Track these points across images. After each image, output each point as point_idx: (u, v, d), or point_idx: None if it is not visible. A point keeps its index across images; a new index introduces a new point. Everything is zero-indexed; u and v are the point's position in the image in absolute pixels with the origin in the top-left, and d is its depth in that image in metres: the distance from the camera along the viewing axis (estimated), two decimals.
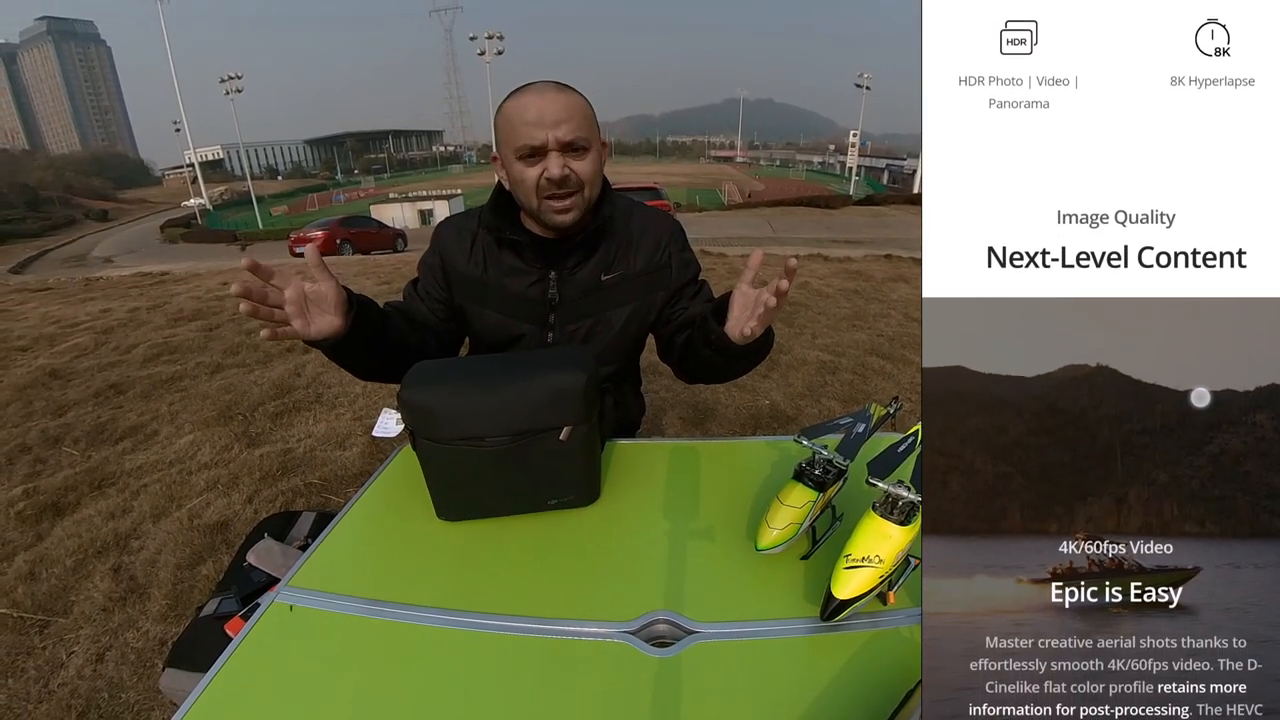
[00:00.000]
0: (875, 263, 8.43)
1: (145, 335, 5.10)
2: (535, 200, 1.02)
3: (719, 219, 26.00)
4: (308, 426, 3.12)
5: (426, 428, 0.84)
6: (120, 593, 1.94)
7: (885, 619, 0.69)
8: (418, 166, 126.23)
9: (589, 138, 1.01)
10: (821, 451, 0.81)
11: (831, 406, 3.26)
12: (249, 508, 2.37)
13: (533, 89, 1.00)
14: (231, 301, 6.51)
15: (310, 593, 0.76)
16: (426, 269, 1.18)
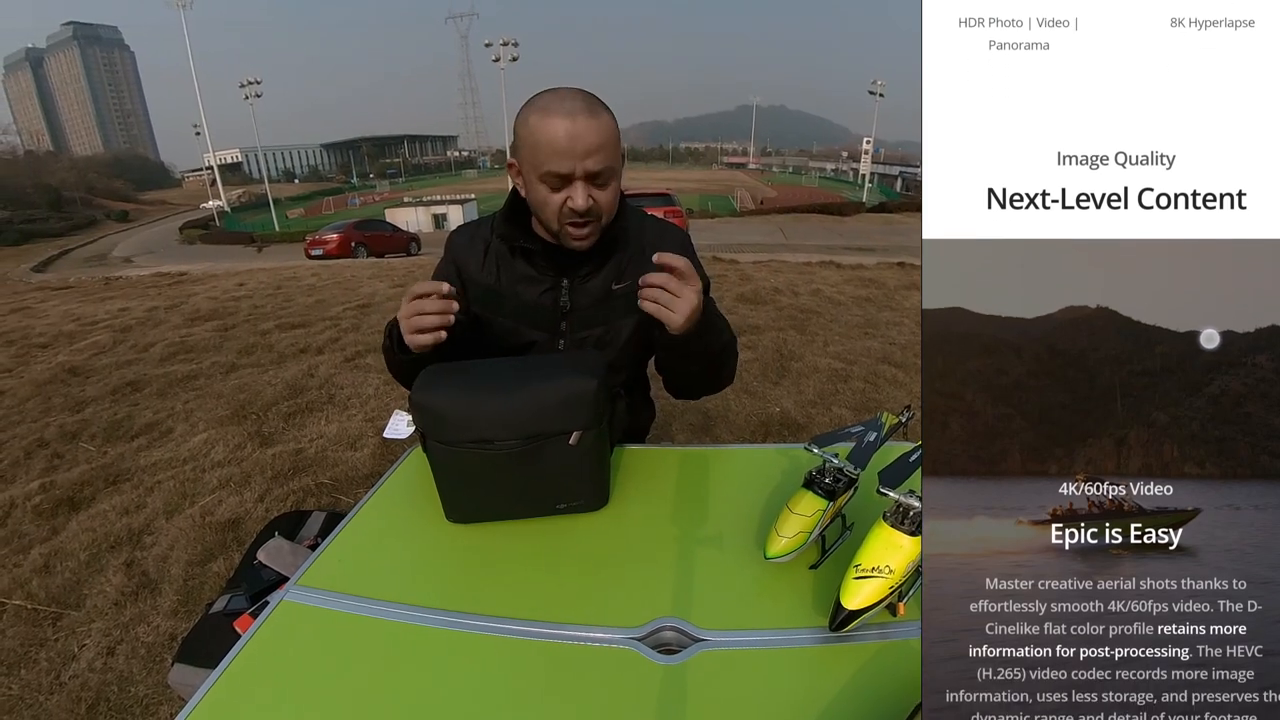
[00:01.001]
0: (888, 270, 8.39)
1: (162, 334, 5.18)
2: (556, 224, 1.03)
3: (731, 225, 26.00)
4: (320, 427, 3.14)
5: (437, 430, 0.84)
6: (132, 587, 1.97)
7: (895, 630, 0.69)
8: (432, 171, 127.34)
9: (614, 165, 1.01)
10: (832, 460, 0.81)
11: (843, 414, 3.24)
12: (260, 506, 2.40)
13: (563, 110, 0.95)
14: (248, 302, 6.60)
15: (319, 592, 0.76)
16: (441, 276, 1.19)
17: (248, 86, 41.50)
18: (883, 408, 1.98)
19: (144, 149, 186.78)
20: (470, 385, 0.86)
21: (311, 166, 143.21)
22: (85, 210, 48.97)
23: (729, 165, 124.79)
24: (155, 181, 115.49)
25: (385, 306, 6.12)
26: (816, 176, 77.00)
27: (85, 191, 58.07)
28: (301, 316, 5.72)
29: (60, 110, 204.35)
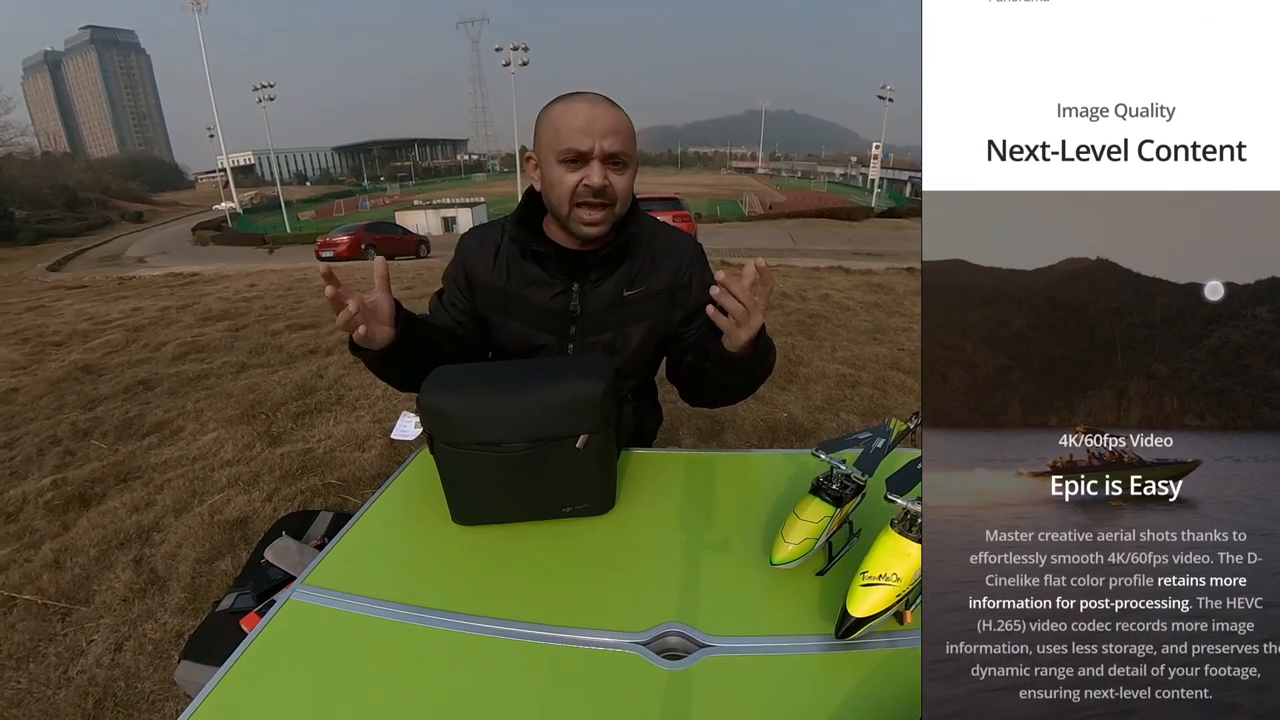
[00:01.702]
0: (897, 276, 8.35)
1: (174, 334, 5.23)
2: (567, 206, 1.03)
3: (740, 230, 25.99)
4: (328, 427, 3.16)
5: (444, 432, 0.84)
6: (141, 584, 1.98)
7: (902, 639, 0.68)
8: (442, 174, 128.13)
9: (630, 154, 1.03)
10: (839, 466, 0.80)
11: (850, 420, 3.22)
12: (268, 506, 2.41)
13: (585, 97, 1.01)
14: (259, 303, 6.65)
15: (325, 591, 0.76)
16: (450, 280, 1.20)
17: (261, 90, 41.95)
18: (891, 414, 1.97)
19: (159, 151, 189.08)
20: (477, 387, 0.86)
21: (323, 169, 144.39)
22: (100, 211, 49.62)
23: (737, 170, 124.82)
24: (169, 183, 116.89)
25: None
26: (825, 181, 76.83)
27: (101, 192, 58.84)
28: (312, 317, 5.75)
29: (77, 112, 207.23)
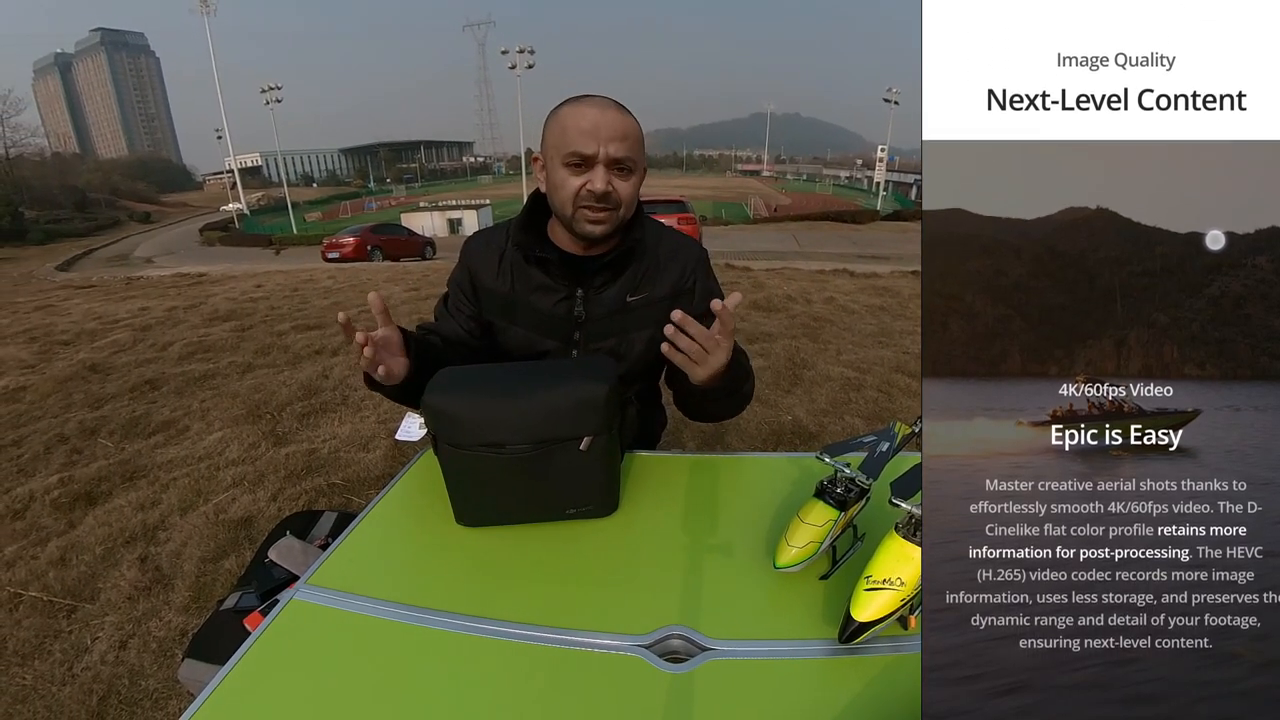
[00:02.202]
0: (902, 279, 8.33)
1: (181, 334, 5.26)
2: (570, 209, 1.03)
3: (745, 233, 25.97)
4: (333, 428, 3.17)
5: (448, 433, 0.84)
6: (146, 582, 1.99)
7: (906, 644, 0.67)
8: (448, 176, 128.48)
9: (636, 160, 1.03)
10: (844, 469, 0.80)
11: (855, 424, 3.21)
12: (273, 505, 2.42)
13: (594, 101, 1.01)
14: (265, 304, 6.68)
15: (329, 591, 0.76)
16: (455, 286, 1.20)
17: (269, 92, 42.19)
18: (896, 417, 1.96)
19: (167, 152, 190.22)
20: (482, 389, 0.86)
21: (329, 171, 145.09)
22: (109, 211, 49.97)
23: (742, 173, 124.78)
24: (177, 184, 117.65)
25: (400, 310, 6.17)
26: (830, 184, 76.76)
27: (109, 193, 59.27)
28: (317, 318, 5.78)
29: (87, 114, 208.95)
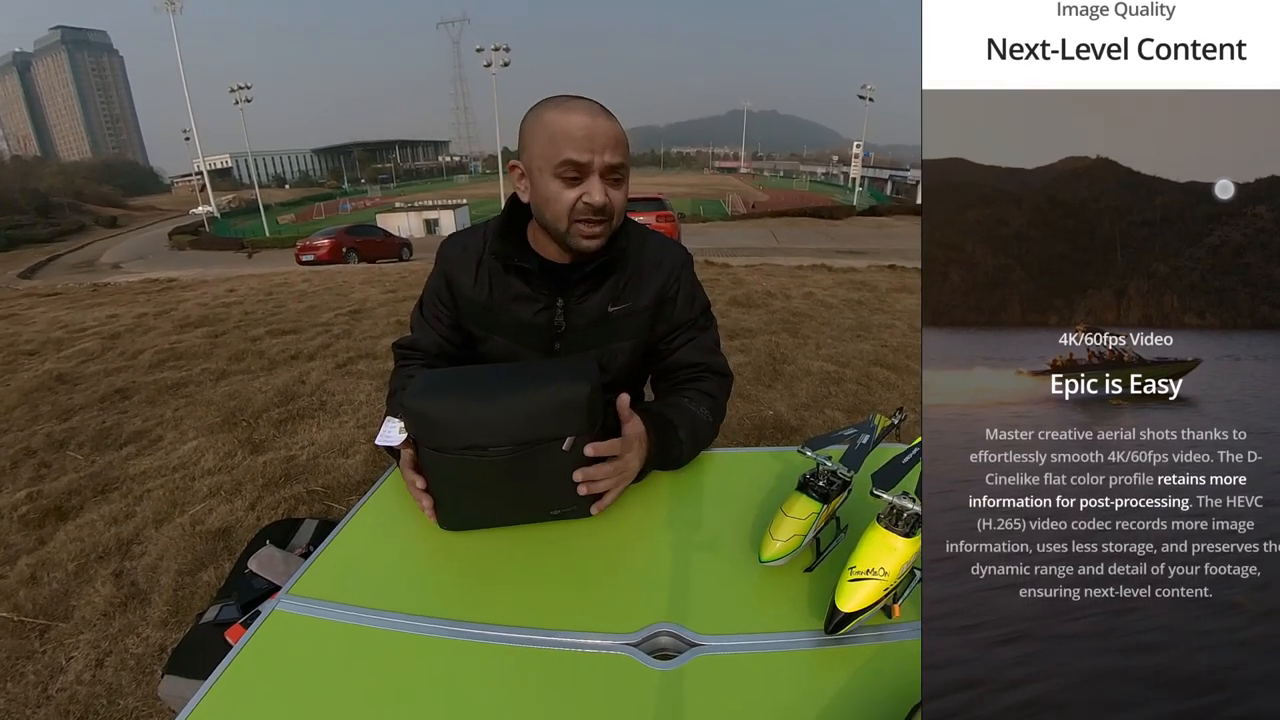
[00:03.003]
0: (879, 273, 8.44)
1: (151, 341, 5.14)
2: (565, 222, 0.99)
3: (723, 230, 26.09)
4: (311, 434, 3.12)
5: (430, 437, 0.83)
6: (121, 598, 1.94)
7: (890, 633, 0.69)
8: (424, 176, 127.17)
9: (627, 166, 1.00)
10: (825, 462, 0.81)
11: (835, 417, 3.25)
12: (251, 514, 2.37)
13: (581, 105, 0.97)
14: (238, 309, 6.55)
15: (311, 601, 0.75)
16: (432, 292, 1.16)
17: (238, 91, 41.37)
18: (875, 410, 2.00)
19: (133, 154, 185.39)
20: (463, 392, 0.85)
21: (302, 172, 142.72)
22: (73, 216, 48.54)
23: (720, 170, 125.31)
24: (144, 187, 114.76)
25: (377, 313, 6.09)
26: (807, 180, 77.42)
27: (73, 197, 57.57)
28: (293, 323, 5.68)
29: (48, 115, 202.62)
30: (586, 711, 0.61)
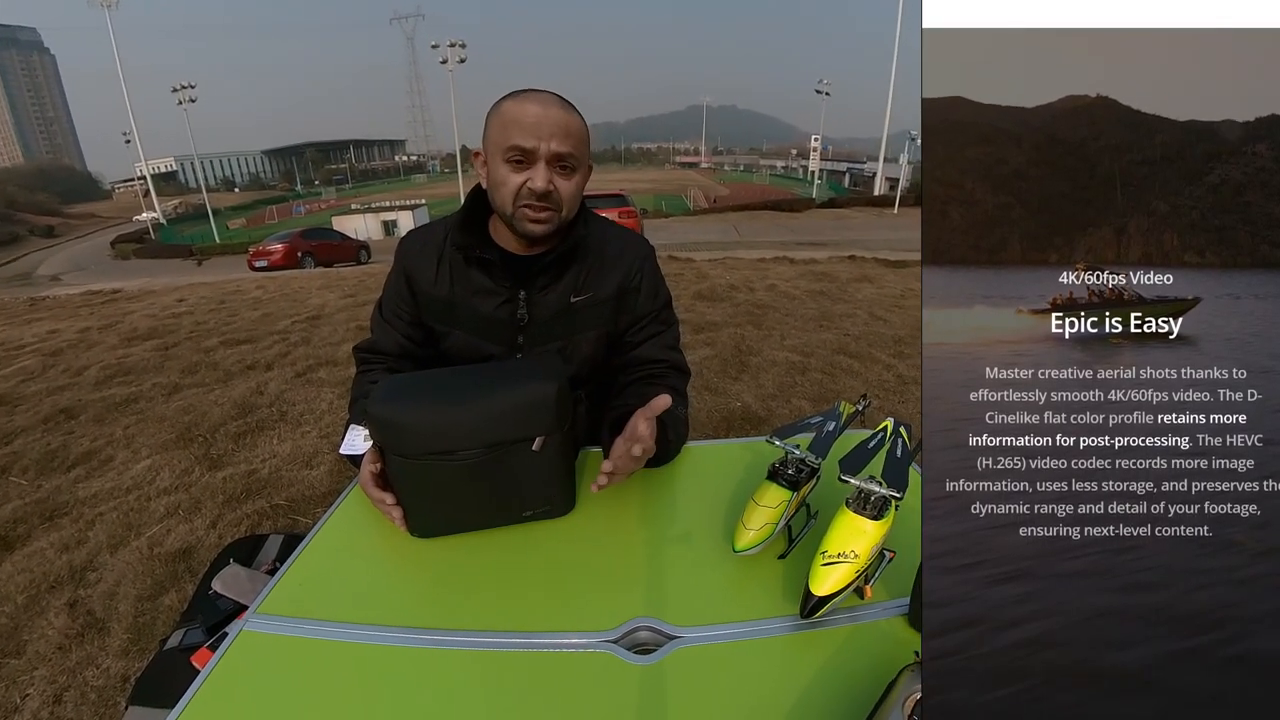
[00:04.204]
0: (840, 264, 8.61)
1: (97, 356, 4.91)
2: (511, 207, 1.00)
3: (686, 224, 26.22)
4: (272, 446, 3.03)
5: (396, 443, 0.82)
6: (77, 629, 1.86)
7: (864, 613, 0.71)
8: (380, 177, 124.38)
9: (580, 157, 1.00)
10: (794, 451, 0.82)
11: (802, 406, 3.30)
12: (213, 533, 2.30)
13: (537, 96, 0.98)
14: (189, 319, 6.31)
15: (281, 619, 0.73)
16: (392, 290, 1.15)
17: (181, 91, 39.68)
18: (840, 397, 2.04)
19: (69, 159, 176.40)
20: (428, 396, 0.84)
21: (252, 174, 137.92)
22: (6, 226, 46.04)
23: (682, 165, 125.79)
24: (83, 194, 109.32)
25: (336, 318, 5.94)
26: (767, 174, 78.29)
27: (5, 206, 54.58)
28: (248, 332, 5.50)
29: None
30: (570, 711, 0.61)
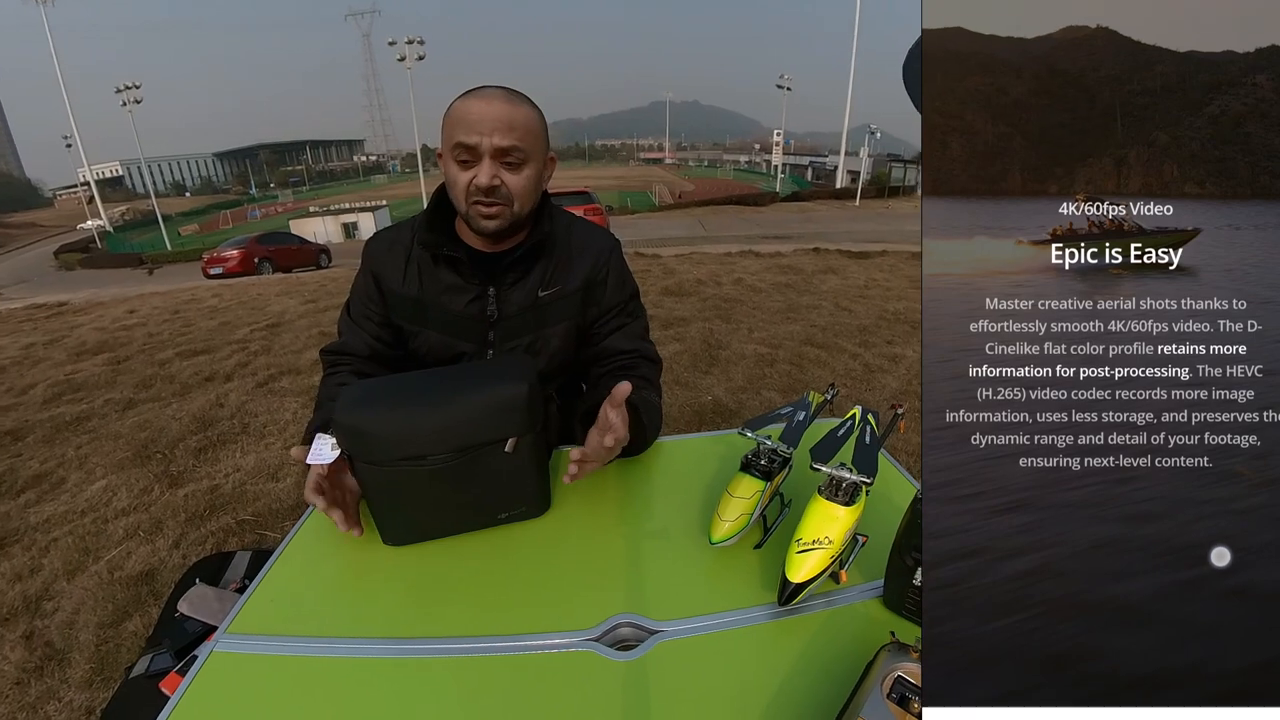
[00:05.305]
0: (804, 256, 8.74)
1: (44, 373, 4.69)
2: (464, 204, 1.01)
3: (652, 220, 26.24)
4: (235, 460, 2.94)
5: (364, 451, 0.81)
6: (35, 661, 1.77)
7: (840, 597, 0.72)
8: (339, 178, 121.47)
9: (529, 150, 0.99)
10: (765, 442, 0.84)
11: (772, 397, 3.35)
12: (176, 553, 2.22)
13: (484, 92, 0.98)
14: (141, 331, 6.07)
15: (253, 637, 0.71)
16: (360, 291, 1.13)
17: (125, 92, 38.04)
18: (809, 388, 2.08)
19: (5, 165, 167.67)
20: (396, 401, 0.82)
21: (204, 178, 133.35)
22: None
23: (646, 161, 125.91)
24: (21, 201, 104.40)
25: (298, 325, 5.78)
26: (731, 169, 78.95)
27: None
28: (204, 342, 5.32)
29: None
30: (554, 713, 0.61)
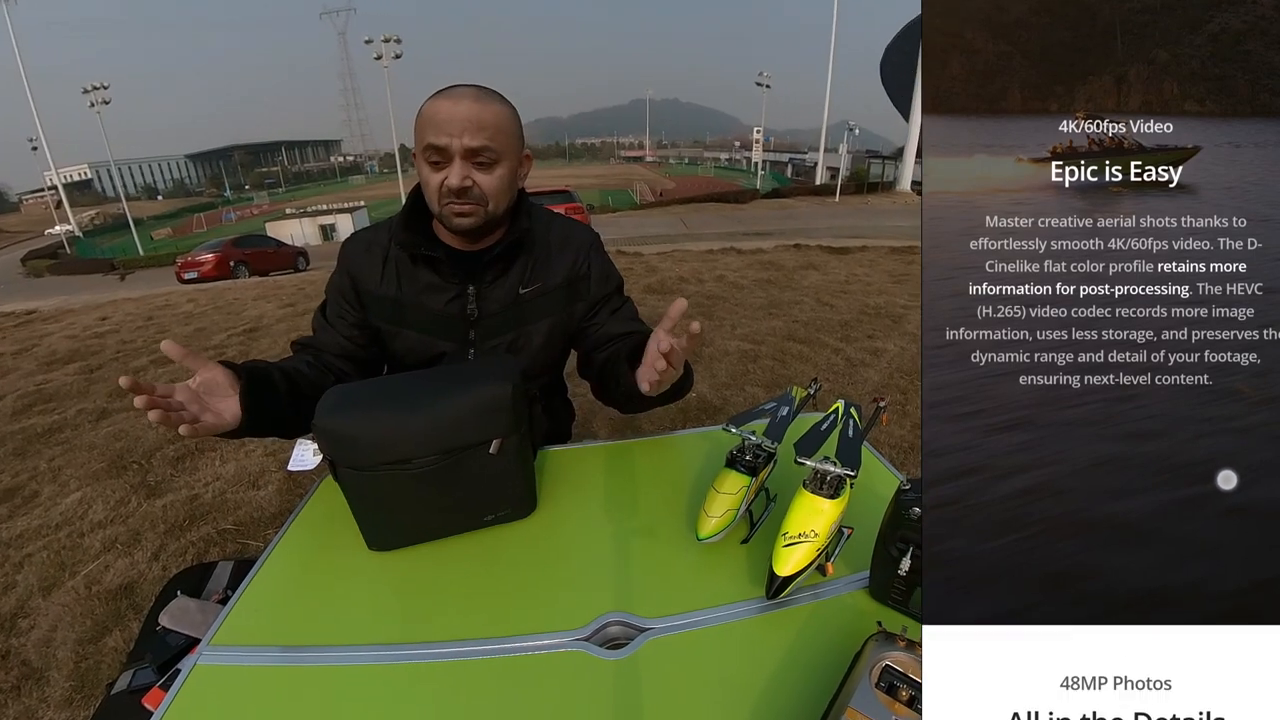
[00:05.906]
0: (785, 252, 8.79)
1: (13, 384, 4.57)
2: (437, 205, 1.00)
3: (633, 219, 26.23)
4: (214, 468, 2.89)
5: (347, 455, 0.80)
6: (11, 681, 1.73)
7: (826, 589, 0.73)
8: (316, 179, 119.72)
9: (501, 149, 0.98)
10: (750, 437, 0.84)
11: (755, 393, 3.37)
12: (156, 565, 2.18)
13: (453, 91, 0.98)
14: (114, 338, 5.94)
15: (237, 649, 0.70)
16: (335, 292, 1.12)
17: (93, 93, 37.06)
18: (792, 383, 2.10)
19: None
20: (378, 404, 0.82)
21: (177, 180, 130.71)
22: None
23: (626, 159, 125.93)
24: None
25: (275, 329, 5.69)
26: (712, 166, 79.27)
27: None
28: None
29: None
30: (545, 713, 0.61)
